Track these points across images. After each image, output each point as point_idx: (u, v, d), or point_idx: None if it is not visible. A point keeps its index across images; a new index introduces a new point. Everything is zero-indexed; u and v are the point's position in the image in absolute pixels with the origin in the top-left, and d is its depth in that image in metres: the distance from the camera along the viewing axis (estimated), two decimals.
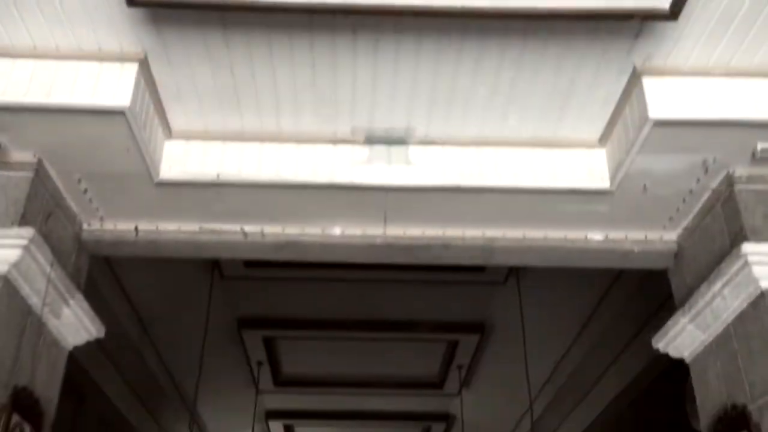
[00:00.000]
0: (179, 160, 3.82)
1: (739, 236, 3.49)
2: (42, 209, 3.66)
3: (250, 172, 3.83)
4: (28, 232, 3.35)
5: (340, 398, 11.91)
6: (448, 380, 11.26)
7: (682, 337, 3.89)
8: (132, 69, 3.36)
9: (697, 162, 3.62)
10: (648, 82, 3.40)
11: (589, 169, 3.85)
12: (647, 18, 3.06)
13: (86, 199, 3.93)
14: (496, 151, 3.90)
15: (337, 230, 4.16)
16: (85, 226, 4.10)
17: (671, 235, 4.14)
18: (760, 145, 3.46)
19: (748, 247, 3.34)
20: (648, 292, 6.72)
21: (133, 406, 9.55)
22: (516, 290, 7.76)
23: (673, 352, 4.05)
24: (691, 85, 3.39)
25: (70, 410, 8.19)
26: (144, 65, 3.39)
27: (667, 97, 3.37)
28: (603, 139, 3.87)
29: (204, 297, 7.82)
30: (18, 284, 3.39)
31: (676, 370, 7.38)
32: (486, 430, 12.11)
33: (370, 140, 3.88)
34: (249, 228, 4.17)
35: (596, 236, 4.13)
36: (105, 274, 7.03)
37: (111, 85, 3.32)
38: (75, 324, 3.89)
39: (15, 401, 3.27)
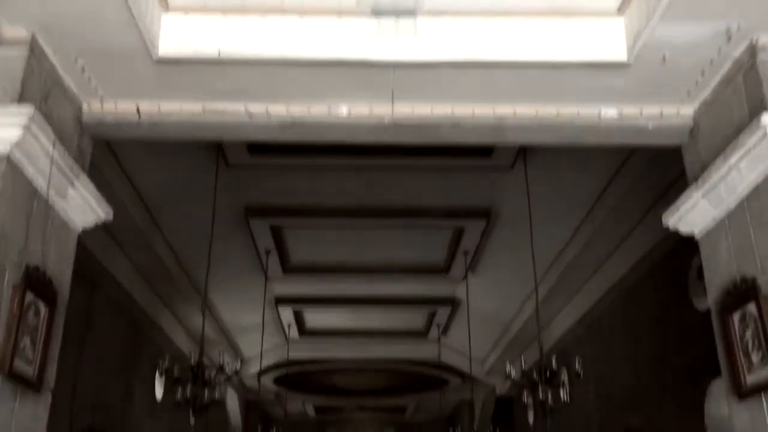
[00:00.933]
0: (178, 35, 3.67)
1: (759, 107, 3.38)
2: (40, 88, 3.55)
3: (252, 47, 3.68)
4: (28, 110, 3.26)
5: (347, 284, 12.16)
6: (454, 265, 11.45)
7: (694, 213, 3.86)
8: None
9: (720, 30, 3.45)
10: None
11: (605, 40, 3.68)
12: None
13: (85, 78, 3.81)
14: (508, 21, 3.71)
15: (343, 109, 4.05)
16: (85, 107, 4.00)
17: (688, 110, 4.02)
18: None
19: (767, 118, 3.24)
20: (655, 175, 6.68)
21: (144, 292, 9.77)
22: (523, 175, 7.72)
23: (684, 228, 4.04)
24: None
25: (83, 296, 8.39)
26: None
27: None
28: (622, 8, 3.68)
29: (210, 185, 7.82)
30: (22, 165, 3.34)
31: (683, 249, 7.47)
32: (491, 313, 12.45)
33: (377, 11, 3.70)
34: (253, 108, 4.05)
35: (610, 112, 4.02)
36: (111, 164, 6.99)
37: None
38: (82, 205, 3.86)
39: (28, 280, 3.29)
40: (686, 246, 7.43)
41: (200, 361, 6.49)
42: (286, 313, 13.31)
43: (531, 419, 13.93)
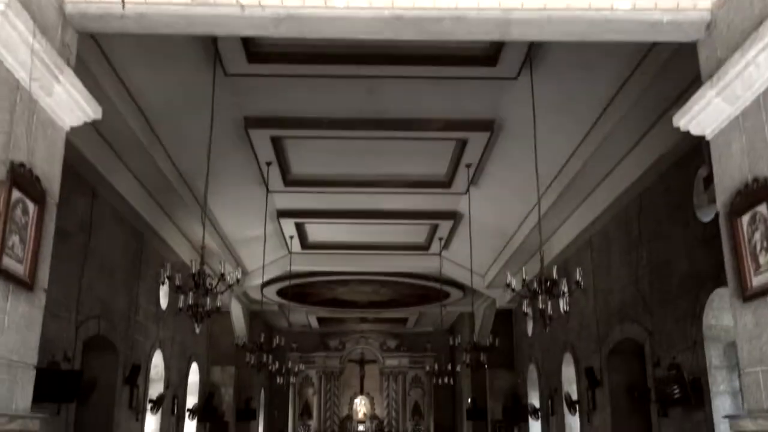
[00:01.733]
0: None
1: None
2: None
3: None
4: None
5: (349, 197, 12.09)
6: (456, 179, 11.33)
7: (707, 112, 3.70)
8: None
9: None
10: None
11: None
12: None
13: None
14: None
15: (340, 0, 3.82)
16: None
17: (705, 2, 3.78)
18: None
19: None
20: (665, 82, 6.44)
21: (146, 203, 9.72)
22: (528, 86, 7.48)
23: (695, 129, 3.88)
24: None
25: (84, 205, 8.35)
26: None
27: None
28: None
29: (209, 96, 7.61)
30: (0, 54, 3.17)
31: (689, 160, 7.33)
32: (492, 226, 12.43)
33: None
34: None
35: (623, 4, 3.78)
36: (107, 71, 6.77)
37: None
38: (69, 102, 3.72)
39: (14, 177, 3.19)
40: (692, 157, 7.32)
41: (201, 269, 6.48)
42: (288, 226, 13.32)
43: (530, 330, 14.18)
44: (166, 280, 6.43)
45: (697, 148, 7.02)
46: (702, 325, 6.98)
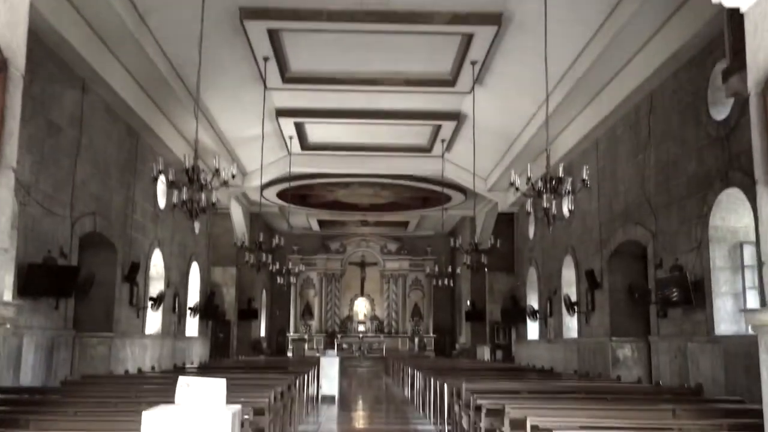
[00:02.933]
0: None
1: None
2: None
3: None
4: None
5: (350, 96, 11.74)
6: (461, 77, 10.94)
7: None
8: None
9: None
10: None
11: None
12: None
13: None
14: None
15: None
16: None
17: None
18: None
19: None
20: None
21: (140, 98, 9.42)
22: None
23: (728, 2, 3.55)
24: None
25: (74, 99, 8.06)
26: None
27: None
28: None
29: None
30: None
31: (706, 55, 6.99)
32: (497, 127, 12.13)
33: None
34: None
35: None
36: None
37: None
38: None
39: None
40: (707, 54, 6.98)
41: (195, 164, 6.28)
42: (288, 126, 13.04)
43: (531, 234, 14.17)
44: (159, 175, 6.23)
45: (714, 42, 6.68)
46: (708, 226, 6.85)
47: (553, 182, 6.29)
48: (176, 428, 2.44)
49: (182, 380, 2.58)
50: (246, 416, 3.78)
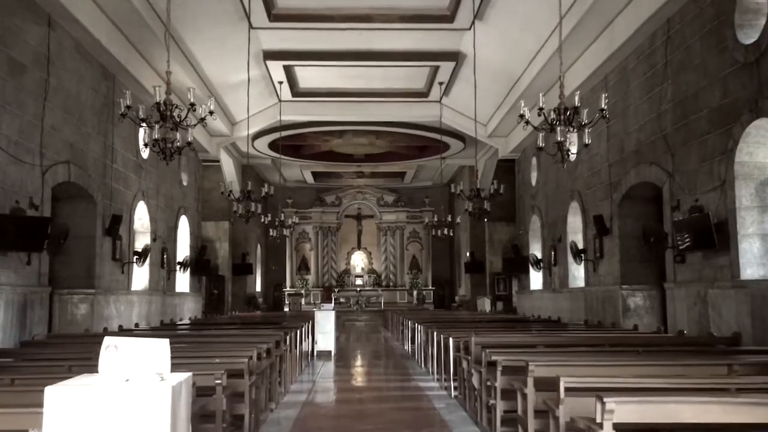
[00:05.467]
0: None
1: None
2: None
3: None
4: None
5: (342, 36, 10.96)
6: (460, 12, 10.18)
7: None
8: None
9: None
10: None
11: None
12: None
13: None
14: None
15: None
16: None
17: None
18: None
19: None
20: None
21: (111, 34, 8.65)
22: None
23: None
24: None
25: (37, 34, 7.32)
26: None
27: None
28: None
29: None
30: None
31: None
32: (498, 67, 11.37)
33: None
34: None
35: None
36: None
37: None
38: None
39: None
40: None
41: (167, 98, 5.62)
42: (277, 70, 12.31)
43: (534, 180, 13.57)
44: (128, 111, 5.57)
45: None
46: (733, 162, 6.27)
47: (568, 113, 5.67)
48: (90, 407, 1.87)
49: (108, 341, 2.01)
50: (218, 381, 3.25)
